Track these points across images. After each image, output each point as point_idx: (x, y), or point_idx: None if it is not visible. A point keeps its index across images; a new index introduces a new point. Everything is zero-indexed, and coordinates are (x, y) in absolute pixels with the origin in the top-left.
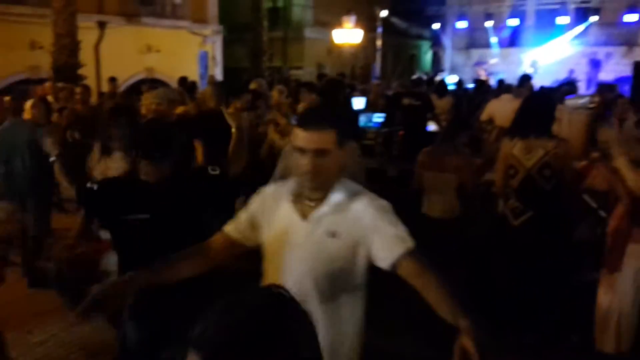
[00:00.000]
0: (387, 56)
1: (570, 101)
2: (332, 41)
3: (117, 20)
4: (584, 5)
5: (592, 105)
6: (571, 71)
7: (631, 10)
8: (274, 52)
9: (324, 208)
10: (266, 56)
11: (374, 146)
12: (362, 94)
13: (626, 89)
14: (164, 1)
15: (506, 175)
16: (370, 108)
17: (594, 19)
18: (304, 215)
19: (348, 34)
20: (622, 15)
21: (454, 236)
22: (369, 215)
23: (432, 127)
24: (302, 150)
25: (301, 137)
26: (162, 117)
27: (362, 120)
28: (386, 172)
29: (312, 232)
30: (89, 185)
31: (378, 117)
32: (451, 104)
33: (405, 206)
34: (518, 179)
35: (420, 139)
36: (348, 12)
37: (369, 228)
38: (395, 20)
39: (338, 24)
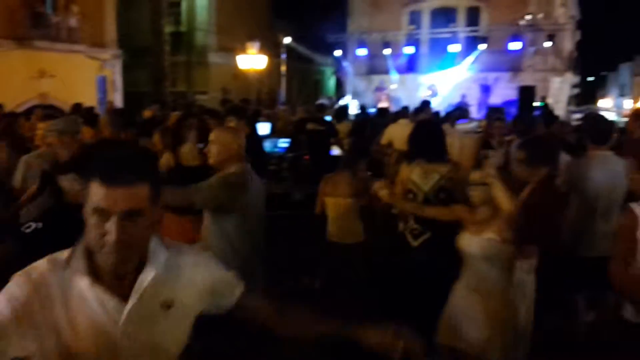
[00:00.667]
0: (293, 82)
1: (461, 125)
2: (237, 66)
3: (6, 44)
4: (472, 34)
5: (479, 130)
6: (463, 96)
7: (515, 38)
8: (177, 76)
9: (147, 275)
10: (169, 81)
11: (279, 171)
12: (268, 119)
13: (513, 111)
14: (58, 24)
15: (405, 199)
16: (278, 134)
17: (482, 47)
18: (122, 295)
19: (252, 60)
20: (507, 44)
21: (359, 260)
22: (202, 270)
23: (335, 151)
24: (102, 213)
25: (101, 195)
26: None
27: (268, 145)
28: (291, 196)
29: (138, 311)
30: None
31: (283, 142)
32: (349, 129)
33: (310, 231)
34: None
35: (324, 163)
36: (251, 38)
37: (206, 283)
38: (298, 46)
39: (242, 49)
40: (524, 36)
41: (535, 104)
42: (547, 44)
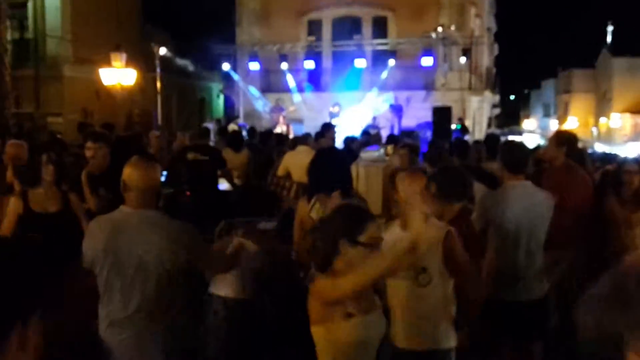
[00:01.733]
0: (171, 101)
1: (367, 153)
2: (100, 82)
3: None
4: (380, 47)
5: (387, 157)
6: (374, 118)
7: (427, 53)
8: (21, 94)
9: None
10: (10, 100)
11: None
12: None
13: (428, 134)
14: None
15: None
16: None
17: (391, 62)
18: None
19: (119, 74)
20: (419, 58)
21: (246, 320)
22: None
23: (224, 185)
24: None
25: None
26: None
27: None
28: None
29: None
30: None
31: None
32: (248, 158)
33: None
34: None
35: (209, 200)
36: (117, 48)
37: None
38: (177, 59)
39: (106, 61)
40: (436, 50)
41: (452, 126)
42: (462, 60)
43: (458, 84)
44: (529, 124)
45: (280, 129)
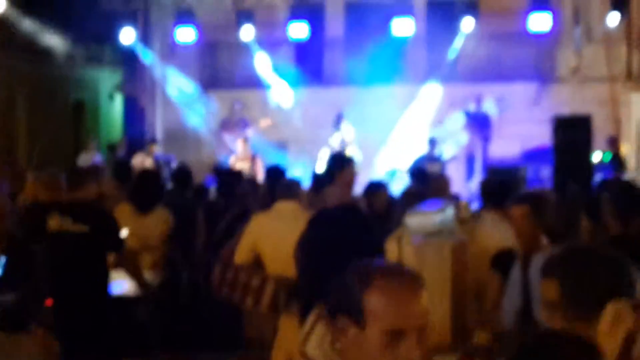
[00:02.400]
0: (15, 107)
1: (420, 216)
2: None
3: None
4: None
5: (462, 224)
6: (432, 142)
7: (539, 5)
8: None
9: None
10: None
11: None
12: None
13: (545, 173)
14: None
15: None
16: None
17: (468, 24)
18: None
19: None
20: (523, 18)
21: None
22: None
23: (121, 285)
24: None
25: None
26: None
27: None
28: None
29: None
30: None
31: None
32: (169, 227)
33: None
34: None
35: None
36: None
37: None
38: (26, 22)
39: None
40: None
41: (596, 155)
42: (612, 18)
43: (604, 68)
44: None
45: (239, 164)
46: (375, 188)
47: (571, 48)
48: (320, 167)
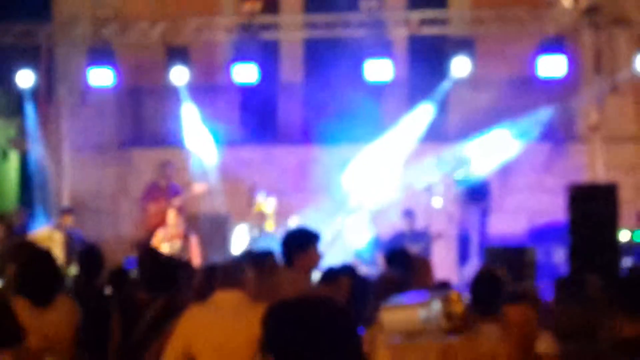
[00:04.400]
0: None
1: (397, 311)
2: None
3: None
4: (431, 29)
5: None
6: (408, 214)
7: (549, 47)
8: None
9: None
10: None
11: None
12: None
13: (559, 256)
14: None
15: None
16: None
17: (462, 65)
18: None
19: None
20: (531, 60)
21: None
22: None
23: None
24: None
25: None
26: None
27: None
28: None
29: None
30: None
31: None
32: (75, 326)
33: None
34: None
35: None
36: None
37: None
38: None
39: None
40: (574, 40)
41: (623, 234)
42: None
43: (632, 125)
44: None
45: (167, 243)
46: (335, 275)
47: (592, 99)
48: (236, 248)
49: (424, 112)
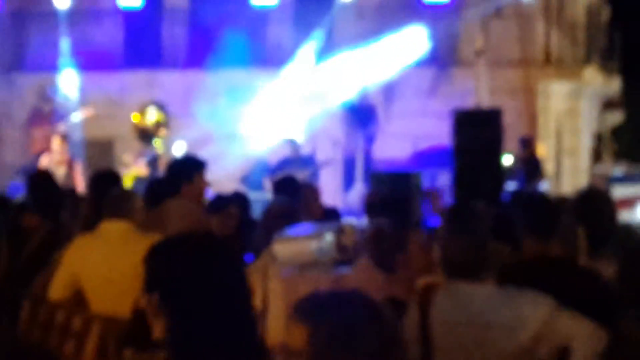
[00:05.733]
0: None
1: (288, 242)
2: None
3: None
4: None
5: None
6: (291, 142)
7: None
8: None
9: None
10: None
11: None
12: None
13: (443, 181)
14: None
15: None
16: None
17: None
18: None
19: None
20: None
21: None
22: None
23: None
24: None
25: None
26: None
27: None
28: None
29: None
30: None
31: None
32: None
33: None
34: None
35: None
36: None
37: None
38: None
39: None
40: None
41: (506, 158)
42: None
43: (516, 49)
44: None
45: (53, 168)
46: (225, 204)
47: (476, 24)
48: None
49: (313, 41)
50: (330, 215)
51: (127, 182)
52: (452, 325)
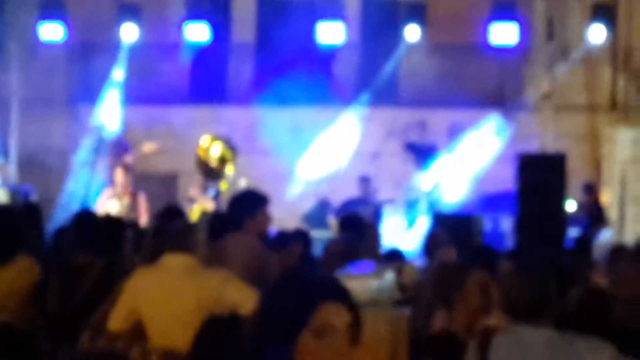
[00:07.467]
0: None
1: (352, 280)
2: None
3: None
4: None
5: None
6: (365, 180)
7: (502, 14)
8: None
9: None
10: None
11: None
12: None
13: (506, 224)
14: None
15: None
16: None
17: (412, 32)
18: None
19: None
20: (484, 26)
21: None
22: None
23: None
24: None
25: None
26: None
27: None
28: None
29: None
30: None
31: None
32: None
33: None
34: None
35: None
36: None
37: None
38: None
39: None
40: (527, 8)
41: (569, 204)
42: (596, 32)
43: (583, 95)
44: None
45: (113, 201)
46: (287, 241)
47: (543, 68)
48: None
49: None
50: (392, 255)
51: (194, 217)
52: None
